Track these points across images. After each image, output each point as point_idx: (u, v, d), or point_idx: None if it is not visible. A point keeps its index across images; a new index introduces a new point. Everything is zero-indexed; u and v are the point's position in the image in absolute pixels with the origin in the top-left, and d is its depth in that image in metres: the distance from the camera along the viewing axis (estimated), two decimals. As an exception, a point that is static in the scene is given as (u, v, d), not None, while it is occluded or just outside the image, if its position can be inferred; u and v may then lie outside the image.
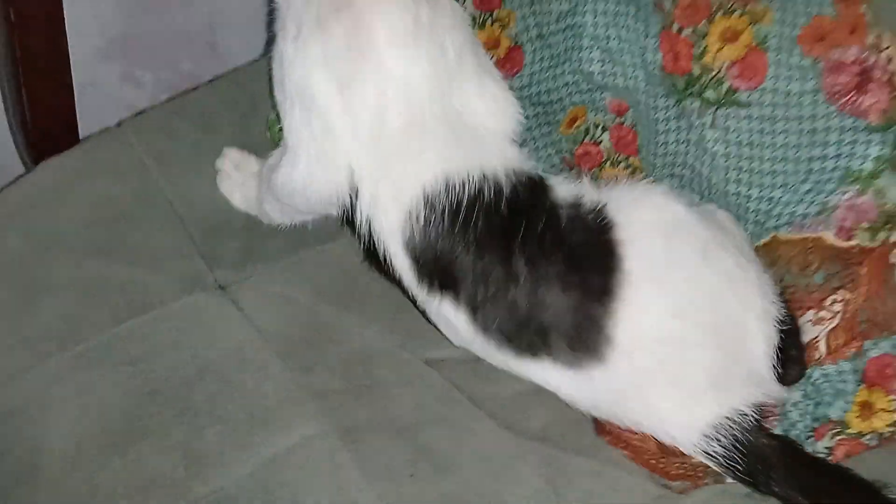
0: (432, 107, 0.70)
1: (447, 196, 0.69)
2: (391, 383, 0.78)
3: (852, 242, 0.73)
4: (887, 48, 0.74)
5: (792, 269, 0.73)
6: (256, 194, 0.84)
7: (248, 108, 0.92)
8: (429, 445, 0.74)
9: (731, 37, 0.76)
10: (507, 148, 0.73)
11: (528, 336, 0.70)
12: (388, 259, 0.72)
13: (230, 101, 0.93)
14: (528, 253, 0.69)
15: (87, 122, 1.06)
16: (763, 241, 0.75)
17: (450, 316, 0.72)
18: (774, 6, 0.75)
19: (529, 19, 0.85)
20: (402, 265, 0.72)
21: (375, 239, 0.72)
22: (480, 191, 0.69)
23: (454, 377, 0.79)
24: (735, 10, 0.76)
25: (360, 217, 0.72)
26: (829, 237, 0.73)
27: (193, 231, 0.85)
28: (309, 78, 0.71)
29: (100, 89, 1.24)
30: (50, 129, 0.92)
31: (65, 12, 1.08)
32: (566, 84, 0.84)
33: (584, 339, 0.68)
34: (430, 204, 0.69)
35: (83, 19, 1.16)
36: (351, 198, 0.72)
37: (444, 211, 0.69)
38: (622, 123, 0.84)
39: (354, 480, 0.72)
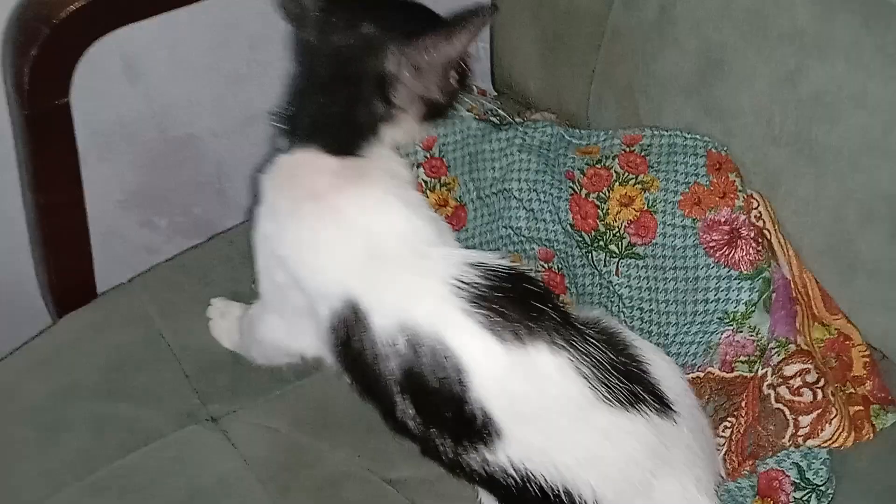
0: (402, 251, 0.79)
1: None
2: (357, 500, 0.90)
3: (734, 374, 0.86)
4: (756, 207, 0.89)
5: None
6: (240, 338, 0.99)
7: (239, 262, 1.07)
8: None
9: (626, 202, 0.91)
10: None
11: None
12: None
13: (224, 257, 1.09)
14: None
15: (108, 264, 1.22)
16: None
17: None
18: (661, 177, 0.90)
19: (470, 184, 1.01)
20: None
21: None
22: None
23: (414, 496, 0.91)
24: (630, 181, 0.92)
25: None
26: (716, 371, 0.86)
27: (189, 371, 0.99)
28: (282, 254, 0.81)
29: (120, 235, 1.40)
30: (71, 287, 1.08)
31: (86, 172, 1.27)
32: (501, 237, 0.99)
33: None
34: None
35: (104, 177, 1.34)
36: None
37: None
38: (550, 268, 0.99)
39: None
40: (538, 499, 0.77)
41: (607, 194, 0.92)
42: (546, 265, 0.99)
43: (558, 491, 0.76)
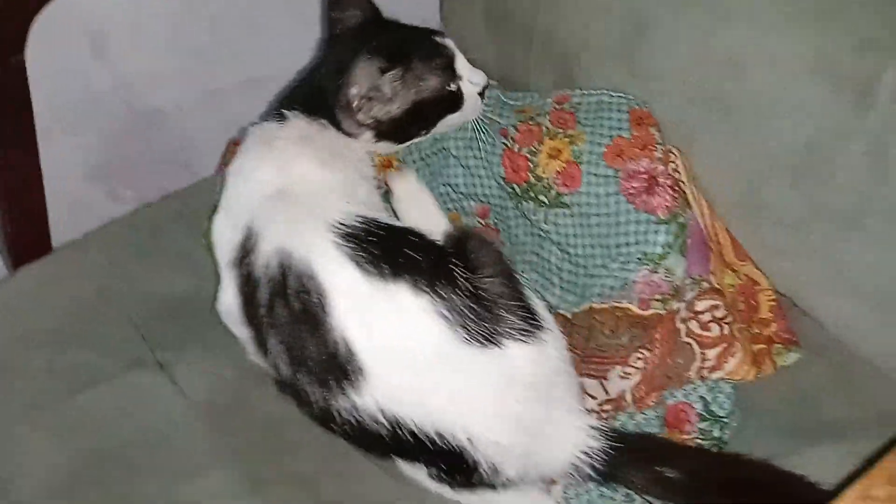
0: None
1: None
2: (299, 443, 0.93)
3: (650, 311, 0.91)
4: (674, 160, 0.95)
5: (605, 331, 0.91)
6: None
7: (190, 219, 1.11)
8: (322, 494, 0.90)
9: (555, 154, 0.96)
10: None
11: None
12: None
13: (175, 214, 1.14)
14: None
15: (74, 235, 1.26)
16: (583, 308, 0.93)
17: None
18: (587, 131, 0.96)
19: (412, 145, 1.06)
20: None
21: None
22: None
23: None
24: (558, 135, 0.97)
25: None
26: (633, 308, 0.91)
27: (139, 320, 1.03)
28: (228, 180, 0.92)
29: (87, 206, 1.43)
30: (27, 241, 1.13)
31: (51, 144, 1.31)
32: (441, 195, 1.04)
33: None
34: None
35: (70, 149, 1.37)
36: None
37: None
38: (487, 224, 1.04)
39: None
40: (414, 448, 0.80)
41: (538, 148, 0.97)
42: (482, 221, 1.04)
43: (432, 436, 0.79)
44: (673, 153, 0.95)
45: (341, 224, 0.83)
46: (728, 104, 0.91)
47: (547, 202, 0.96)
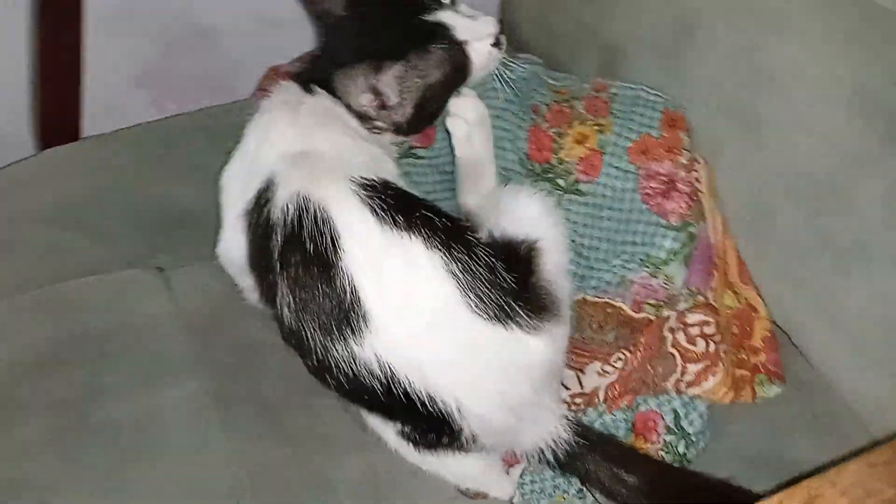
0: None
1: None
2: (272, 369, 0.94)
3: (641, 314, 0.89)
4: (698, 169, 0.93)
5: (592, 325, 0.90)
6: None
7: (216, 134, 1.10)
8: (284, 422, 0.90)
9: (581, 140, 0.95)
10: None
11: None
12: None
13: (203, 128, 1.15)
14: None
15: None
16: (576, 297, 0.91)
17: None
18: (617, 122, 0.95)
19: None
20: None
21: None
22: None
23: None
24: (588, 121, 0.96)
25: None
26: (626, 308, 0.90)
27: (148, 222, 1.05)
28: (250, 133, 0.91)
29: (129, 110, 1.46)
30: (56, 126, 1.15)
31: (108, 43, 1.33)
32: (461, 159, 1.04)
33: None
34: None
35: (123, 50, 1.40)
36: None
37: None
38: (504, 197, 1.03)
39: (214, 435, 0.88)
40: (405, 408, 0.79)
41: (566, 130, 0.96)
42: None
43: (423, 397, 0.79)
44: (698, 162, 0.93)
45: (362, 177, 0.82)
46: (758, 119, 0.89)
47: (563, 187, 0.95)
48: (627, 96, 0.96)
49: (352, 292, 0.78)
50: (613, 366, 0.88)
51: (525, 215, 0.87)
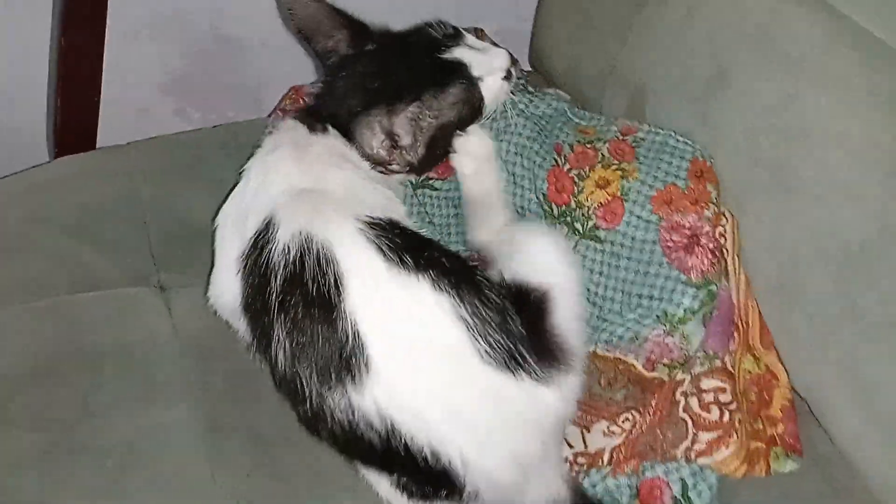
0: None
1: None
2: (266, 400, 0.90)
3: (654, 374, 0.85)
4: (724, 224, 0.88)
5: (601, 380, 0.86)
6: None
7: (233, 151, 1.07)
8: (276, 456, 0.87)
9: (603, 184, 0.91)
10: None
11: None
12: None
13: (220, 143, 1.13)
14: None
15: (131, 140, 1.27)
16: (585, 351, 0.88)
17: None
18: (642, 169, 0.90)
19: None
20: None
21: None
22: None
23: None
24: (612, 165, 0.92)
25: None
26: (638, 365, 0.86)
27: (154, 237, 1.03)
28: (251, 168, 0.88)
29: (153, 116, 1.46)
30: (73, 133, 1.14)
31: (136, 49, 1.32)
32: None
33: None
34: None
35: (150, 57, 1.40)
36: None
37: None
38: (518, 237, 0.99)
39: (203, 465, 0.85)
40: (404, 462, 0.75)
41: (587, 173, 0.92)
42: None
43: (425, 451, 0.74)
44: (725, 217, 0.89)
45: (368, 216, 0.79)
46: (791, 177, 0.84)
47: (581, 232, 0.91)
48: (655, 142, 0.92)
49: (354, 336, 0.75)
50: (621, 426, 0.84)
51: (539, 259, 0.83)
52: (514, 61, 0.93)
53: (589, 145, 0.94)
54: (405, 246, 0.77)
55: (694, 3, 0.94)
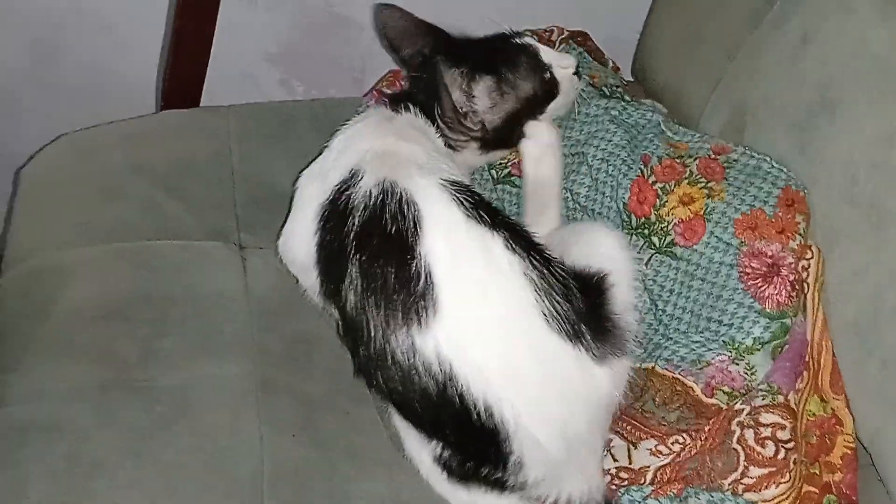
0: None
1: None
2: (319, 368, 0.93)
3: (712, 400, 0.82)
4: (809, 258, 0.84)
5: (656, 398, 0.84)
6: None
7: (323, 125, 1.08)
8: (319, 423, 0.88)
9: (687, 201, 0.89)
10: None
11: None
12: None
13: (313, 116, 1.15)
14: None
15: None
16: (646, 365, 0.86)
17: None
18: (730, 190, 0.88)
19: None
20: None
21: None
22: None
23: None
24: (699, 182, 0.89)
25: None
26: (697, 390, 0.83)
27: (239, 198, 1.06)
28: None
29: (258, 83, 1.50)
30: (179, 91, 1.19)
31: (250, 16, 1.36)
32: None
33: None
34: None
35: (265, 26, 1.44)
36: None
37: None
38: (593, 244, 0.98)
39: (249, 420, 0.87)
40: (455, 417, 0.75)
41: (672, 188, 0.90)
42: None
43: (479, 405, 0.74)
44: (810, 250, 0.85)
45: (451, 176, 0.82)
46: (885, 218, 0.80)
47: (657, 246, 0.89)
48: (748, 165, 0.89)
49: (426, 278, 0.76)
50: (670, 448, 0.82)
51: (599, 249, 0.84)
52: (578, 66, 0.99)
53: (678, 160, 0.92)
54: (482, 205, 0.80)
55: (810, 29, 0.90)
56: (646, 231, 0.90)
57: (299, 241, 0.89)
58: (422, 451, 0.83)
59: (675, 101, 1.08)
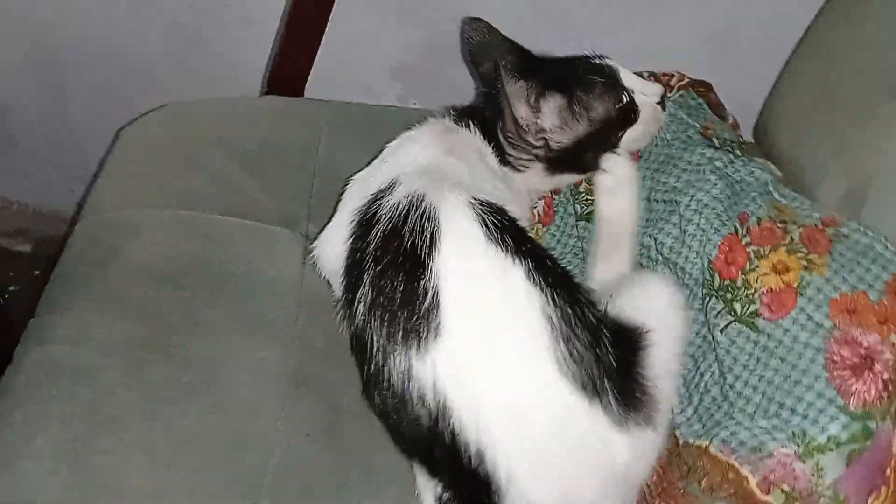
0: None
1: None
2: (356, 373, 0.86)
3: (767, 498, 0.71)
4: (910, 357, 0.73)
5: (702, 483, 0.73)
6: None
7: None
8: (341, 427, 0.84)
9: (781, 269, 0.79)
10: None
11: None
12: None
13: (406, 125, 1.11)
14: None
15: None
16: (699, 443, 0.76)
17: None
18: (833, 266, 0.77)
19: (648, 181, 0.93)
20: None
21: None
22: None
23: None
24: (798, 252, 0.79)
25: None
26: (752, 482, 0.72)
27: (316, 190, 1.04)
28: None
29: (374, 95, 1.50)
30: (284, 79, 1.20)
31: (382, 29, 1.36)
32: (642, 245, 0.91)
33: None
34: None
35: (395, 38, 1.44)
36: None
37: None
38: (670, 301, 0.89)
39: (273, 408, 0.84)
40: (446, 457, 0.69)
41: (766, 253, 0.80)
42: (669, 295, 0.89)
43: (469, 448, 0.68)
44: (916, 351, 0.73)
45: (483, 197, 0.77)
46: None
47: (737, 314, 0.79)
48: (858, 242, 0.79)
49: (433, 297, 0.71)
50: (704, 538, 0.71)
51: (649, 300, 0.77)
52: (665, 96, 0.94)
53: (780, 224, 0.82)
54: (510, 231, 0.74)
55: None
56: (728, 295, 0.81)
57: (332, 246, 0.86)
58: (426, 490, 0.77)
59: (794, 168, 0.98)
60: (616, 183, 0.88)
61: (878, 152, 0.88)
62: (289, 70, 1.18)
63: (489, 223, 0.74)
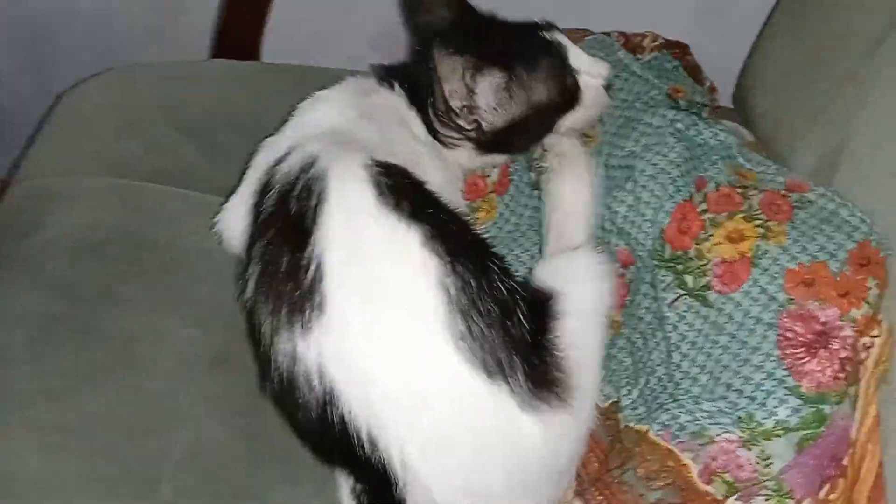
0: None
1: None
2: None
3: (708, 488, 0.64)
4: (875, 336, 0.65)
5: (638, 470, 0.66)
6: None
7: None
8: (259, 416, 0.75)
9: (736, 238, 0.72)
10: None
11: None
12: None
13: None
14: None
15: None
16: (639, 427, 0.69)
17: None
18: (792, 234, 0.70)
19: (605, 147, 0.86)
20: None
21: None
22: None
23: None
24: (756, 220, 0.72)
25: None
26: (693, 470, 0.65)
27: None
28: None
29: (352, 63, 1.45)
30: (231, 44, 1.14)
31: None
32: (596, 215, 0.84)
33: None
34: None
35: (372, 7, 1.38)
36: None
37: None
38: (623, 276, 0.82)
39: (189, 388, 0.78)
40: (338, 445, 0.64)
41: (723, 221, 0.73)
42: (623, 270, 0.82)
43: (362, 434, 0.62)
44: (880, 328, 0.65)
45: (387, 160, 0.69)
46: None
47: (688, 287, 0.72)
48: (823, 209, 0.71)
49: (315, 270, 0.64)
50: (638, 530, 0.64)
51: (568, 270, 0.70)
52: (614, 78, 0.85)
53: (739, 190, 0.75)
54: (410, 194, 0.66)
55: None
56: (679, 267, 0.73)
57: (236, 218, 0.78)
58: (342, 485, 0.71)
59: (772, 132, 0.91)
60: (561, 162, 0.80)
61: (857, 115, 0.80)
62: (236, 32, 1.12)
63: (384, 185, 0.66)
